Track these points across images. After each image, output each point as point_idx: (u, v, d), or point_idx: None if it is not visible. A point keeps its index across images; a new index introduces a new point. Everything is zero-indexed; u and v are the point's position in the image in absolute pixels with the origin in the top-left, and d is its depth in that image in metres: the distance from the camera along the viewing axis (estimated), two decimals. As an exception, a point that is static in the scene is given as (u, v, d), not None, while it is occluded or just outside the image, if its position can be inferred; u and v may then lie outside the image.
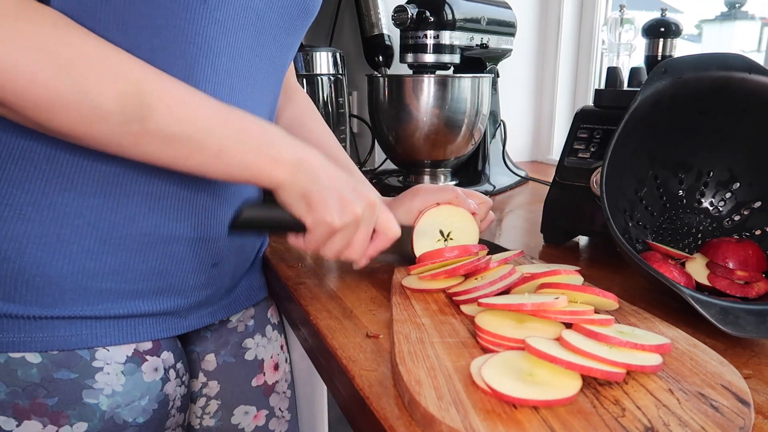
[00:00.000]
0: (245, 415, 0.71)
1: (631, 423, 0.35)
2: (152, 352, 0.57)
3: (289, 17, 0.57)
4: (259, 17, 0.54)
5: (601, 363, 0.38)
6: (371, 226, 0.55)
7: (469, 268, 0.55)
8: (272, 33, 0.56)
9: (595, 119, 0.76)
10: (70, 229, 0.50)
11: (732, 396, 0.38)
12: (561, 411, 0.36)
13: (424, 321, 0.49)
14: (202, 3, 0.48)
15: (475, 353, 0.43)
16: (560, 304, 0.44)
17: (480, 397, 0.37)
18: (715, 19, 1.78)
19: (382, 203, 0.56)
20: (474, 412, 0.36)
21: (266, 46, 0.56)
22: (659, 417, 0.36)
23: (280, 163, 0.49)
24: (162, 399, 0.57)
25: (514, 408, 0.36)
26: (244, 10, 0.52)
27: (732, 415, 0.36)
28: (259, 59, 0.56)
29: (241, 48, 0.53)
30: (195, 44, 0.49)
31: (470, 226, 0.62)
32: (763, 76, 0.57)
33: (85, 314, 0.52)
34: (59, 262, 0.50)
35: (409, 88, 0.97)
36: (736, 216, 0.65)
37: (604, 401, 0.37)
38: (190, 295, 0.59)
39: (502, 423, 0.35)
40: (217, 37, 0.51)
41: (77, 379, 0.52)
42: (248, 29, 0.53)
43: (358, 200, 0.52)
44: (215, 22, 0.50)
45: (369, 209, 0.53)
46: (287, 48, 0.60)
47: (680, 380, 0.40)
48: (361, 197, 0.53)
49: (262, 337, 0.72)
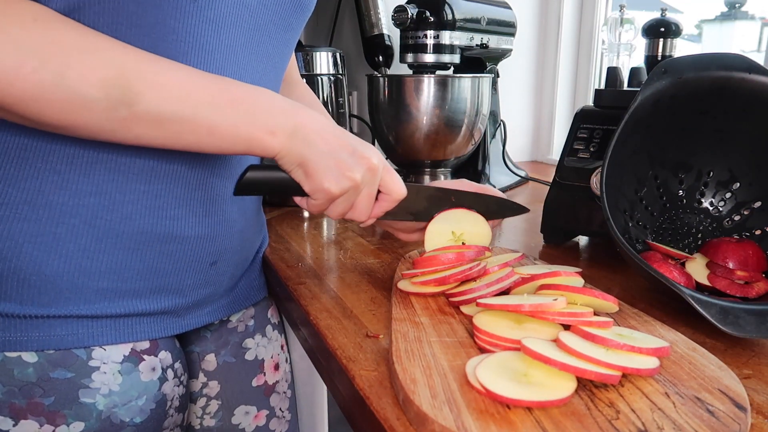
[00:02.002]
0: (246, 415, 0.71)
1: (624, 426, 0.35)
2: (150, 352, 0.57)
3: (283, 13, 0.57)
4: (253, 14, 0.53)
5: (597, 365, 0.38)
6: (374, 189, 0.54)
7: (460, 277, 0.54)
8: (267, 30, 0.56)
9: (595, 119, 0.76)
10: (66, 228, 0.50)
11: (729, 400, 0.37)
12: (555, 412, 0.36)
13: (423, 320, 0.49)
14: (192, 2, 0.48)
15: (472, 353, 0.43)
16: (559, 306, 0.44)
17: (474, 396, 0.37)
18: (715, 19, 1.78)
19: (385, 164, 0.55)
20: (467, 412, 0.36)
21: (262, 43, 0.56)
22: (653, 420, 0.35)
23: (275, 132, 0.48)
24: (160, 399, 0.57)
25: (508, 408, 0.36)
26: (237, 7, 0.51)
27: (727, 420, 0.35)
28: (255, 57, 0.55)
29: (235, 46, 0.53)
30: (187, 43, 0.49)
31: (483, 230, 0.62)
32: (763, 76, 0.57)
33: (81, 313, 0.52)
34: (55, 261, 0.50)
35: (409, 88, 0.97)
36: (736, 216, 0.65)
37: (599, 403, 0.37)
38: (188, 295, 0.59)
39: (495, 423, 0.35)
40: (209, 35, 0.50)
41: (74, 379, 0.52)
42: (242, 27, 0.53)
43: (357, 165, 0.51)
44: (207, 20, 0.50)
45: (369, 173, 0.52)
46: (284, 44, 0.60)
47: (677, 384, 0.40)
48: (361, 162, 0.51)
49: (262, 337, 0.72)
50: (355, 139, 0.53)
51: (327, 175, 0.50)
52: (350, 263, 0.70)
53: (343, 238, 0.81)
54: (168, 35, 0.48)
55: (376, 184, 0.54)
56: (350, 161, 0.51)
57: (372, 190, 0.53)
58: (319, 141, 0.50)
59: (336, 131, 0.51)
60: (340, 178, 0.50)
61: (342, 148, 0.51)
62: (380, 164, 0.53)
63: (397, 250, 0.74)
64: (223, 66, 0.52)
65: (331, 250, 0.76)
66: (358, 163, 0.51)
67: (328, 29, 1.46)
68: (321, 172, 0.50)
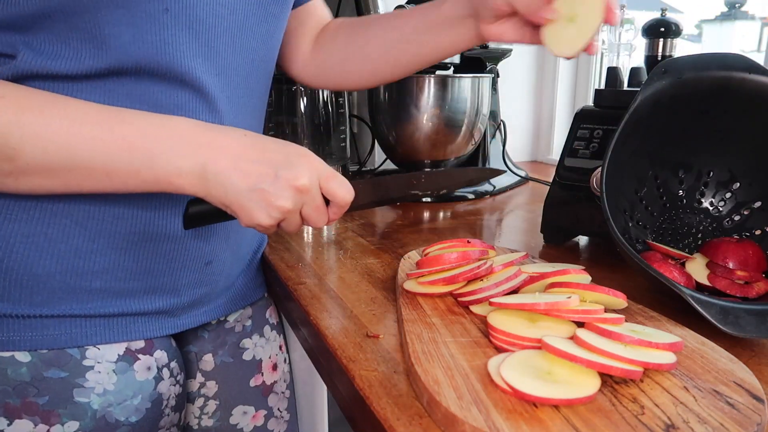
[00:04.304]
0: (244, 415, 0.71)
1: (651, 420, 0.35)
2: (145, 351, 0.57)
3: (263, 3, 0.55)
4: (232, 11, 0.52)
5: (619, 361, 0.38)
6: (316, 202, 0.50)
7: (469, 276, 0.54)
8: (249, 25, 0.55)
9: (595, 119, 0.76)
10: (58, 228, 0.50)
11: (746, 393, 0.38)
12: (581, 409, 0.36)
13: (435, 320, 0.49)
14: (164, 12, 0.47)
15: (489, 352, 0.43)
16: (573, 303, 0.44)
17: (500, 396, 0.37)
18: (715, 19, 1.78)
19: (323, 171, 0.49)
20: (496, 411, 0.36)
21: (245, 39, 0.55)
22: (678, 414, 0.36)
23: (180, 174, 0.45)
24: (155, 398, 0.57)
25: (535, 407, 0.36)
26: (214, 7, 0.50)
27: (748, 412, 0.36)
28: (240, 55, 0.55)
29: (218, 46, 0.52)
30: (167, 54, 0.48)
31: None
32: (763, 76, 0.57)
33: (74, 313, 0.52)
34: (47, 261, 0.50)
35: (409, 88, 0.97)
36: (736, 216, 0.65)
37: (623, 399, 0.38)
38: (183, 294, 0.59)
39: (525, 422, 0.35)
40: (188, 42, 0.49)
41: (68, 378, 0.52)
42: (222, 27, 0.52)
43: (283, 192, 0.47)
44: (184, 27, 0.49)
45: (300, 195, 0.48)
46: (268, 37, 0.58)
47: (694, 378, 0.40)
48: (287, 187, 0.47)
49: (260, 338, 0.72)
50: (281, 153, 0.48)
51: (254, 211, 0.47)
52: (350, 263, 0.70)
53: (343, 238, 0.81)
54: (148, 50, 0.47)
55: (315, 200, 0.49)
56: (275, 190, 0.46)
57: (314, 204, 0.49)
58: (236, 177, 0.46)
59: (255, 155, 0.47)
60: (270, 210, 0.47)
61: (263, 178, 0.46)
62: (312, 180, 0.48)
63: (397, 250, 0.74)
64: (208, 71, 0.51)
65: (331, 250, 0.76)
66: (285, 190, 0.47)
67: (328, 29, 1.46)
68: (247, 209, 0.47)
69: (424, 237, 0.81)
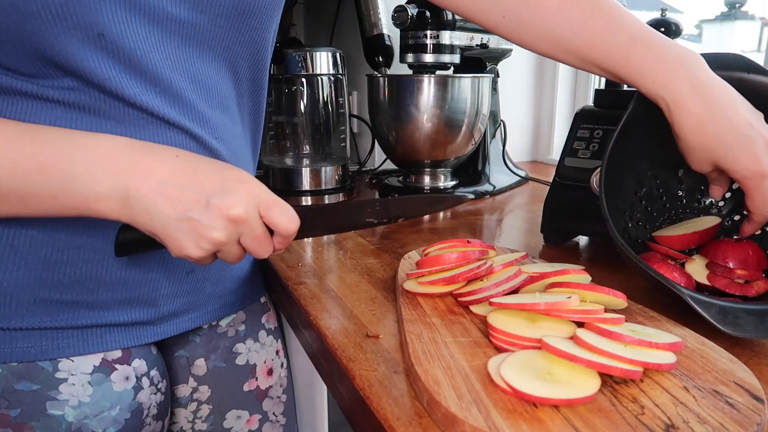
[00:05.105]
0: (237, 420, 0.70)
1: (651, 421, 0.35)
2: (122, 361, 0.55)
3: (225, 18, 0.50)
4: (185, 25, 0.48)
5: (620, 361, 0.39)
6: (255, 233, 0.45)
7: (469, 276, 0.54)
8: (214, 35, 0.50)
9: (595, 119, 0.76)
10: (25, 240, 0.48)
11: (746, 393, 0.38)
12: (581, 409, 0.36)
13: (434, 320, 0.49)
14: (99, 38, 0.43)
15: (489, 352, 0.43)
16: (573, 303, 0.44)
17: (500, 396, 0.38)
18: (715, 19, 1.78)
19: (266, 199, 0.45)
20: (496, 411, 0.36)
21: (211, 50, 0.51)
22: (678, 414, 0.36)
23: (98, 199, 0.42)
24: (135, 408, 0.55)
25: (535, 407, 0.37)
26: (161, 22, 0.46)
27: (748, 412, 0.36)
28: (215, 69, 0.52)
29: (179, 64, 0.48)
30: (117, 81, 0.45)
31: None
32: (762, 76, 0.57)
33: (44, 325, 0.50)
34: (14, 273, 0.48)
35: (409, 88, 0.97)
36: (736, 216, 0.65)
37: (623, 399, 0.38)
38: (162, 304, 0.57)
39: (525, 422, 0.35)
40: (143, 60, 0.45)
41: (40, 391, 0.51)
42: (173, 41, 0.48)
43: (215, 222, 0.43)
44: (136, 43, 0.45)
45: (234, 226, 0.44)
46: (247, 45, 0.54)
47: (693, 378, 0.40)
48: (219, 217, 0.43)
49: (254, 342, 0.71)
50: (215, 178, 0.44)
51: (184, 242, 0.43)
52: (350, 263, 0.70)
53: (343, 238, 0.81)
54: (99, 76, 0.45)
55: (255, 230, 0.45)
56: (206, 220, 0.43)
57: (253, 235, 0.45)
58: (162, 204, 0.42)
59: (185, 180, 0.43)
60: (200, 241, 0.43)
61: (193, 206, 0.42)
62: (249, 209, 0.44)
63: (397, 250, 0.74)
64: (169, 89, 0.48)
65: (331, 250, 0.76)
66: (217, 220, 0.43)
67: (328, 29, 1.46)
68: (175, 240, 0.43)
69: (424, 237, 0.81)
